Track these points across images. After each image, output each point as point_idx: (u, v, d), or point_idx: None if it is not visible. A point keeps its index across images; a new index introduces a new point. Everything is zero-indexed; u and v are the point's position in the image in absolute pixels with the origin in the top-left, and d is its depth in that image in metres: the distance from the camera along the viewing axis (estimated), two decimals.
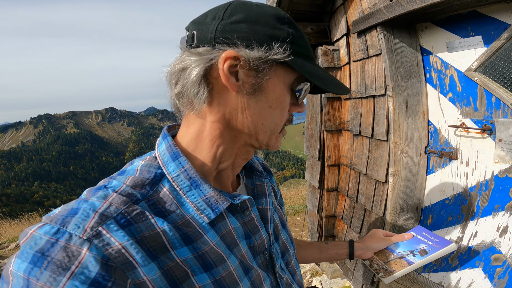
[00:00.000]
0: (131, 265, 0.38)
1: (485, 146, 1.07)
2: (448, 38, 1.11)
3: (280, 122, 0.51)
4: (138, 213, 0.41)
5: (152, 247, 0.40)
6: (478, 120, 1.08)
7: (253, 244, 0.54)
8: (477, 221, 1.12)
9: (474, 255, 1.13)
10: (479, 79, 1.04)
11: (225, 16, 0.44)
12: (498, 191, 1.04)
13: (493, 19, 0.96)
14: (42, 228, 0.37)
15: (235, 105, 0.46)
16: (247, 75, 0.44)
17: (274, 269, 0.58)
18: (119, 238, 0.38)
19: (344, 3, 1.48)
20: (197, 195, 0.46)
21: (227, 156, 0.51)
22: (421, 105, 1.29)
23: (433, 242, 0.87)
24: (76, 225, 0.37)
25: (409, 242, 0.91)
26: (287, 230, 0.70)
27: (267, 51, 0.43)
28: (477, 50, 1.03)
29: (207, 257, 0.45)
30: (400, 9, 1.03)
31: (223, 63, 0.42)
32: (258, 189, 0.62)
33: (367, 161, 1.50)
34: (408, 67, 1.24)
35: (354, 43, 1.46)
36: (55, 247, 0.35)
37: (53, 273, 0.34)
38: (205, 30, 0.44)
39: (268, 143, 0.52)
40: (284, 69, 0.47)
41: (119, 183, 0.44)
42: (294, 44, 0.46)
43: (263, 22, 0.44)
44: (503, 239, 1.02)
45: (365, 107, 1.48)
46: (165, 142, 0.49)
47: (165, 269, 0.41)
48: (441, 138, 1.25)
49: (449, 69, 1.15)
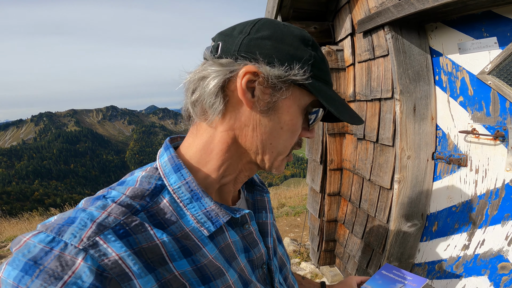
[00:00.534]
0: (127, 276, 0.37)
1: (497, 154, 1.02)
2: (460, 39, 1.06)
3: (289, 145, 0.50)
4: (137, 224, 0.40)
5: (150, 259, 0.40)
6: (490, 126, 1.03)
7: (252, 257, 0.54)
8: (485, 229, 1.08)
9: (480, 263, 1.10)
10: (492, 82, 0.98)
11: (252, 31, 0.44)
12: (509, 200, 1.00)
13: (510, 20, 0.91)
14: (37, 236, 0.36)
15: (247, 121, 0.46)
16: (263, 92, 0.44)
17: (273, 284, 0.58)
18: (116, 249, 0.37)
19: (349, 2, 1.42)
20: (198, 208, 0.46)
21: (231, 171, 0.51)
22: (429, 109, 1.24)
23: (408, 281, 0.88)
24: (72, 234, 0.36)
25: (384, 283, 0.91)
26: (283, 245, 0.70)
27: (287, 71, 0.43)
28: (492, 52, 0.97)
29: (205, 270, 0.44)
30: (411, 8, 0.97)
31: (242, 77, 0.43)
32: (258, 204, 0.62)
33: (371, 166, 1.45)
34: (417, 69, 1.19)
35: (360, 43, 1.41)
36: (48, 256, 0.34)
37: (45, 282, 0.33)
38: (230, 42, 0.45)
39: (273, 164, 0.51)
40: (300, 91, 0.47)
41: (118, 193, 0.43)
42: (315, 67, 0.45)
43: (288, 41, 0.44)
44: (511, 248, 0.98)
45: (370, 110, 1.43)
46: (167, 153, 0.49)
47: (162, 281, 0.40)
48: (450, 144, 1.20)
49: (461, 71, 1.09)
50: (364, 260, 1.52)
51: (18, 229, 4.38)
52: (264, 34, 0.44)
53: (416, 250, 1.38)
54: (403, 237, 1.33)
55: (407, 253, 1.36)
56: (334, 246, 1.97)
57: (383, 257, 1.36)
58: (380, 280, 0.92)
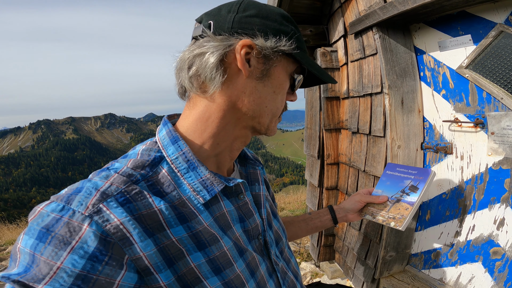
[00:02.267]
0: (128, 241, 0.40)
1: (478, 140, 1.11)
2: (440, 38, 1.17)
3: (281, 107, 0.57)
4: (136, 192, 0.43)
5: (149, 225, 0.43)
6: (470, 115, 1.12)
7: (248, 228, 0.56)
8: (474, 215, 1.13)
9: (473, 249, 1.14)
10: (470, 75, 1.08)
11: (239, 10, 0.49)
12: (493, 183, 1.06)
13: (481, 18, 1.02)
14: (49, 206, 0.40)
15: (243, 89, 0.51)
16: (258, 61, 0.50)
17: (270, 255, 0.61)
18: (118, 215, 0.40)
19: (341, 6, 1.54)
20: (194, 177, 0.49)
21: (226, 138, 0.54)
22: (416, 102, 1.34)
23: (414, 175, 0.89)
24: (79, 202, 0.40)
25: (393, 183, 0.92)
26: (278, 219, 0.73)
27: (277, 42, 0.50)
28: (467, 48, 1.08)
29: (201, 237, 0.47)
30: (394, 10, 1.08)
31: (240, 49, 0.48)
32: (251, 176, 0.65)
33: (366, 158, 1.54)
34: (403, 66, 1.30)
35: (352, 44, 1.52)
36: (59, 223, 0.38)
37: (55, 247, 0.37)
38: (221, 21, 0.49)
39: (269, 126, 0.57)
40: (287, 60, 0.53)
41: (121, 165, 0.47)
42: (297, 39, 0.52)
43: (272, 18, 0.51)
44: (500, 232, 1.03)
45: (363, 105, 1.53)
46: (166, 128, 0.53)
47: (161, 246, 0.43)
48: (436, 134, 1.29)
49: (442, 67, 1.20)
50: (363, 251, 1.58)
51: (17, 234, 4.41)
52: (251, 12, 0.49)
53: (412, 240, 1.43)
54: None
55: (403, 242, 1.42)
56: (333, 241, 2.03)
57: (380, 246, 1.42)
58: (388, 181, 0.94)
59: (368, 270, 1.52)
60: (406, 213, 0.81)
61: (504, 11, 0.94)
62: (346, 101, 1.69)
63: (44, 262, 0.37)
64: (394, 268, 1.43)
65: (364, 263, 1.56)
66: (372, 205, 0.91)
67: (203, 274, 0.46)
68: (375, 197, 0.91)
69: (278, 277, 0.61)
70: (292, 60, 0.54)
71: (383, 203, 0.89)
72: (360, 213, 0.94)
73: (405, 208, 0.83)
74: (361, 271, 1.59)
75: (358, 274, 1.61)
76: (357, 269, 1.63)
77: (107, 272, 0.39)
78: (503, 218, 1.02)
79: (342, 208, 0.94)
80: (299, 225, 0.93)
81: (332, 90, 1.73)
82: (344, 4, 1.51)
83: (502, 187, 1.03)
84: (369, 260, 1.49)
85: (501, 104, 1.00)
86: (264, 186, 0.67)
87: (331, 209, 0.95)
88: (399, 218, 0.81)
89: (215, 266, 0.48)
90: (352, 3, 1.45)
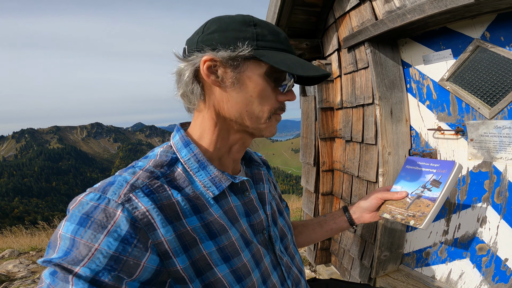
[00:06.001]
0: (152, 227, 0.46)
1: (460, 146, 1.22)
2: (424, 52, 1.30)
3: (266, 109, 0.57)
4: (158, 185, 0.50)
5: (169, 214, 0.49)
6: (452, 124, 1.24)
7: (253, 222, 0.62)
8: (459, 214, 1.23)
9: (461, 247, 1.22)
10: (450, 87, 1.21)
11: (204, 30, 0.55)
12: (474, 185, 1.17)
13: (460, 33, 1.14)
14: (88, 195, 0.46)
15: (221, 98, 0.56)
16: (224, 72, 0.54)
17: (274, 250, 0.65)
18: (144, 203, 0.47)
19: (336, 22, 1.67)
20: (204, 175, 0.56)
21: (224, 143, 0.61)
22: (403, 112, 1.45)
23: (437, 169, 0.79)
24: (113, 192, 0.46)
25: (413, 178, 0.83)
26: (284, 217, 0.77)
27: (234, 50, 0.52)
28: (448, 62, 1.20)
29: (212, 227, 0.53)
30: (384, 27, 1.21)
31: (202, 65, 0.53)
32: (256, 176, 0.71)
33: (359, 164, 1.63)
34: (392, 79, 1.42)
35: (345, 58, 1.64)
36: (97, 210, 0.44)
37: (94, 231, 0.43)
38: (191, 43, 0.56)
39: (259, 128, 0.59)
40: (254, 63, 0.54)
41: (143, 164, 0.54)
42: (259, 40, 0.53)
43: (231, 28, 0.53)
44: (484, 229, 1.13)
45: (356, 115, 1.64)
46: (179, 133, 0.60)
47: (178, 233, 0.49)
48: (422, 141, 1.41)
49: (426, 79, 1.32)
50: (359, 252, 1.65)
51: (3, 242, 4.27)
52: (212, 29, 0.54)
53: (404, 240, 1.51)
54: (391, 227, 1.49)
55: (396, 243, 1.50)
56: (329, 244, 2.09)
57: (375, 247, 1.49)
58: (408, 176, 0.84)
59: (364, 270, 1.58)
60: (427, 210, 0.73)
61: (480, 27, 1.06)
62: (340, 112, 1.80)
63: (83, 245, 0.42)
64: (388, 267, 1.50)
65: (360, 264, 1.63)
66: (390, 203, 0.82)
67: (214, 261, 0.52)
68: (393, 193, 0.83)
69: (282, 271, 0.66)
70: (260, 61, 0.54)
71: (402, 200, 0.80)
72: (377, 212, 0.85)
73: (426, 205, 0.74)
74: (357, 271, 1.65)
75: (354, 274, 1.67)
76: (353, 270, 1.69)
77: (135, 254, 0.44)
78: (485, 216, 1.12)
79: (358, 207, 0.87)
80: (313, 229, 0.91)
81: (327, 101, 1.84)
82: (338, 20, 1.64)
83: (482, 188, 1.14)
84: (365, 260, 1.56)
85: (478, 113, 1.12)
86: (268, 185, 0.73)
87: (346, 210, 0.89)
88: (419, 216, 0.73)
89: (225, 255, 0.53)
90: (345, 19, 1.58)
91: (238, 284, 0.54)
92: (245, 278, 0.55)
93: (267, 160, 0.91)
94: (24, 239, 4.43)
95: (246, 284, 0.55)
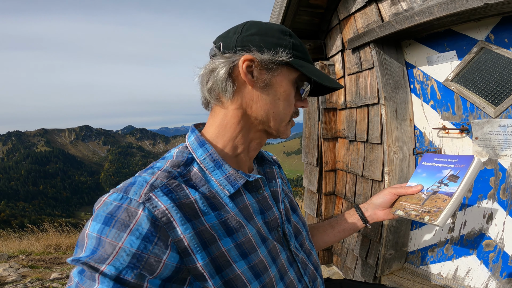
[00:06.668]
0: (172, 225, 0.47)
1: (464, 144, 1.25)
2: (428, 53, 1.33)
3: (288, 113, 0.63)
4: (176, 185, 0.52)
5: (187, 212, 0.50)
6: (456, 123, 1.27)
7: (267, 219, 0.63)
8: (465, 211, 1.26)
9: (467, 243, 1.24)
10: (455, 87, 1.24)
11: (243, 31, 0.58)
12: (480, 182, 1.20)
13: (465, 36, 1.17)
14: (111, 196, 0.48)
15: (251, 97, 0.59)
16: (260, 73, 0.58)
17: (290, 247, 0.66)
18: (164, 202, 0.48)
19: (340, 23, 1.69)
20: (220, 174, 0.57)
21: (243, 140, 0.62)
22: (408, 112, 1.48)
23: (454, 164, 0.76)
24: (135, 192, 0.48)
25: (429, 174, 0.79)
26: (298, 214, 0.78)
27: (274, 54, 0.57)
28: (452, 63, 1.24)
29: (229, 223, 0.54)
30: (391, 29, 1.23)
31: (242, 63, 0.56)
32: (269, 175, 0.73)
33: (363, 164, 1.65)
34: (396, 79, 1.45)
35: (349, 58, 1.67)
36: (120, 209, 0.46)
37: (118, 229, 0.44)
38: (228, 41, 0.58)
39: (279, 129, 0.63)
40: (288, 69, 0.60)
41: (161, 164, 0.56)
42: (295, 50, 0.59)
43: (271, 34, 0.58)
44: (490, 225, 1.15)
45: (360, 115, 1.66)
46: (193, 134, 0.61)
47: (197, 230, 0.50)
48: (426, 140, 1.44)
49: (430, 80, 1.36)
50: (363, 251, 1.66)
51: None
52: (252, 31, 0.58)
53: (408, 239, 1.53)
54: (396, 225, 1.51)
55: (401, 241, 1.52)
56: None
57: (380, 245, 1.50)
58: (424, 172, 0.81)
59: (369, 269, 1.59)
60: (443, 205, 0.69)
61: (485, 29, 1.10)
62: (343, 112, 1.82)
63: (109, 243, 0.43)
64: (393, 266, 1.52)
65: (365, 263, 1.64)
66: (404, 199, 0.79)
67: (232, 258, 0.52)
68: (408, 187, 0.80)
69: (299, 267, 0.66)
70: (292, 68, 0.60)
71: (417, 196, 0.77)
72: (391, 209, 0.82)
73: (442, 200, 0.70)
74: (361, 271, 1.66)
75: (358, 274, 1.68)
76: (357, 269, 1.70)
77: (156, 252, 0.45)
78: (491, 212, 1.15)
79: (371, 204, 0.86)
80: (325, 230, 0.89)
81: (330, 101, 1.86)
82: (343, 21, 1.67)
83: (488, 185, 1.17)
84: (370, 259, 1.57)
85: (483, 112, 1.16)
86: (280, 181, 0.74)
87: (357, 208, 0.87)
88: (434, 212, 0.69)
89: (242, 251, 0.54)
90: (350, 21, 1.61)
91: (256, 280, 0.54)
92: (262, 274, 0.55)
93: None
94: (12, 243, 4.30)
95: (264, 280, 0.55)
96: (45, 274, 2.80)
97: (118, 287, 0.42)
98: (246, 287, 0.52)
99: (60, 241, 4.33)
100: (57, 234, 4.76)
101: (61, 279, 2.65)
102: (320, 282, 0.73)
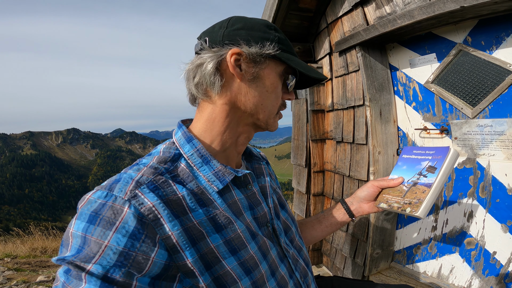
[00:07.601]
0: (159, 222, 0.47)
1: (444, 144, 1.29)
2: (410, 56, 1.38)
3: (276, 104, 0.64)
4: (163, 181, 0.51)
5: (175, 209, 0.49)
6: (437, 123, 1.31)
7: (256, 215, 0.63)
8: (446, 209, 1.29)
9: (449, 242, 1.27)
10: (435, 89, 1.29)
11: (228, 25, 0.59)
12: (459, 181, 1.24)
13: (444, 38, 1.22)
14: (95, 193, 0.47)
15: (239, 90, 0.59)
16: (248, 66, 0.58)
17: (279, 242, 0.66)
18: (150, 199, 0.47)
19: (328, 26, 1.73)
20: (208, 170, 0.57)
21: (231, 135, 0.62)
22: (391, 114, 1.52)
23: (432, 155, 0.79)
24: (119, 189, 0.47)
25: (409, 166, 0.83)
26: (287, 210, 0.79)
27: (261, 48, 0.58)
28: (433, 65, 1.28)
29: (217, 220, 0.53)
30: (375, 32, 1.27)
31: (230, 57, 0.56)
32: (257, 170, 0.73)
33: (350, 164, 1.68)
34: (380, 81, 1.49)
35: (336, 61, 1.70)
36: (105, 207, 0.45)
37: (103, 228, 0.43)
38: (214, 36, 0.58)
39: (268, 122, 0.64)
40: (275, 62, 0.61)
41: (147, 160, 0.55)
42: (280, 43, 0.60)
43: (257, 28, 0.59)
44: (471, 224, 1.19)
45: (346, 117, 1.69)
46: (181, 130, 0.61)
47: (185, 227, 0.49)
48: (409, 141, 1.48)
49: (412, 82, 1.40)
50: (351, 250, 1.68)
51: None
52: (238, 26, 0.58)
53: (394, 238, 1.56)
54: (381, 224, 1.53)
55: (387, 240, 1.54)
56: (320, 244, 2.11)
57: (367, 244, 1.52)
58: (404, 165, 0.85)
59: (357, 269, 1.61)
60: (423, 196, 0.72)
61: (463, 32, 1.15)
62: (331, 114, 1.85)
63: (94, 242, 0.43)
64: (381, 265, 1.54)
65: (353, 262, 1.66)
66: (387, 192, 0.82)
67: (221, 254, 0.52)
68: (389, 180, 0.83)
69: (290, 263, 0.66)
70: (279, 61, 0.61)
71: (399, 188, 0.80)
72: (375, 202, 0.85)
73: (422, 191, 0.73)
74: (350, 270, 1.67)
75: (347, 273, 1.69)
76: (346, 269, 1.71)
77: (144, 249, 0.44)
78: (472, 210, 1.19)
79: (356, 198, 0.88)
80: (313, 226, 0.90)
81: (318, 103, 1.89)
82: (331, 25, 1.71)
83: (467, 184, 1.21)
84: (358, 259, 1.59)
85: (461, 113, 1.20)
86: (269, 178, 0.75)
87: (343, 202, 0.89)
88: (415, 203, 0.72)
89: (232, 247, 0.53)
90: (338, 24, 1.65)
91: (247, 276, 0.54)
92: (253, 270, 0.55)
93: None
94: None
95: (255, 276, 0.55)
96: (31, 277, 2.71)
97: (106, 286, 0.41)
98: (236, 283, 0.52)
99: (46, 244, 4.20)
100: (43, 237, 4.61)
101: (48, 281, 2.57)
102: (311, 277, 0.73)
